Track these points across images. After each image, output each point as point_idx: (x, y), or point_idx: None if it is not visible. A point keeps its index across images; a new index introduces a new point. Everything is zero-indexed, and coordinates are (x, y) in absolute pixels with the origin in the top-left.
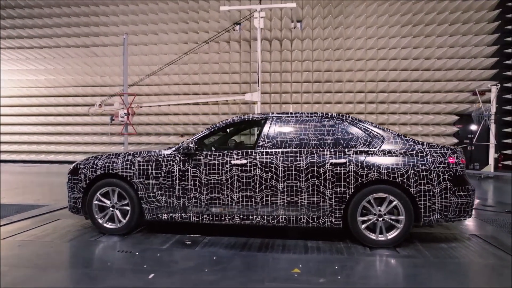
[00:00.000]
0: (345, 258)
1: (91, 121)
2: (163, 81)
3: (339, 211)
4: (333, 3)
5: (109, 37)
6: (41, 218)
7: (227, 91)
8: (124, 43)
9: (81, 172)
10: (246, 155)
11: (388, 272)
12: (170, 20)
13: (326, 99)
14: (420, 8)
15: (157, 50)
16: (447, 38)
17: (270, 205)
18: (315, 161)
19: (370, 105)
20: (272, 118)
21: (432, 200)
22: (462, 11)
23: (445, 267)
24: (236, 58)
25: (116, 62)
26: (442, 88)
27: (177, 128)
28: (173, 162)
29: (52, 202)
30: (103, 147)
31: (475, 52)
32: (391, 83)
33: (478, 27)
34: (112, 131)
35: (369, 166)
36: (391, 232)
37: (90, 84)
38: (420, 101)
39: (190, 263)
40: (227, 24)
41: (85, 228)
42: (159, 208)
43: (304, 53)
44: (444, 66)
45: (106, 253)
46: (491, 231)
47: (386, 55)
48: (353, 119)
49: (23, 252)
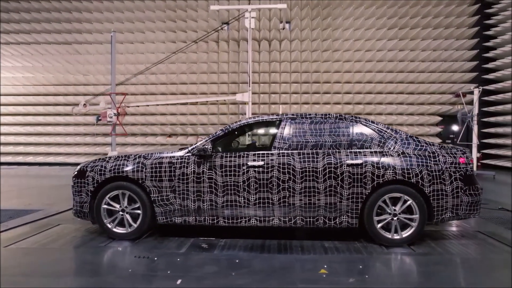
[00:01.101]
0: (365, 257)
1: (73, 121)
2: (150, 80)
3: (355, 211)
4: (322, 4)
5: (93, 35)
6: (39, 223)
7: (216, 91)
8: (112, 41)
9: (88, 175)
10: (263, 157)
11: (413, 270)
12: (157, 18)
13: (315, 100)
14: (405, 12)
15: (143, 48)
16: (430, 42)
17: (287, 206)
18: (332, 162)
19: (357, 106)
20: (286, 119)
21: (445, 199)
22: (444, 16)
23: (464, 264)
24: (224, 58)
25: (100, 60)
26: (426, 90)
27: (165, 128)
28: (187, 164)
29: (45, 206)
30: (87, 148)
31: (456, 55)
32: (378, 84)
33: (459, 32)
34: (96, 131)
35: (385, 167)
36: (405, 231)
37: (72, 82)
38: (405, 102)
39: (214, 267)
40: (216, 24)
41: (91, 233)
42: (173, 211)
43: (293, 54)
44: (427, 68)
45: (123, 259)
46: (491, 227)
47: (373, 57)
48: (366, 120)
49: (32, 260)
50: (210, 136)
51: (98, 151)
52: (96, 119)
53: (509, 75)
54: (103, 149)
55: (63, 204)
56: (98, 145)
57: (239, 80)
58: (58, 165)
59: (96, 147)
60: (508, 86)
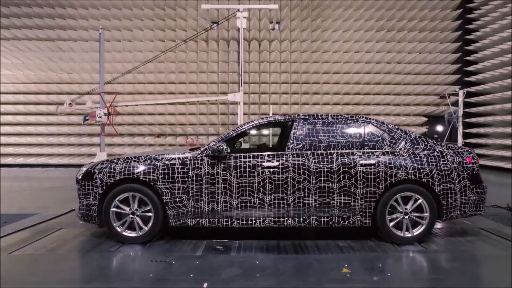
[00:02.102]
0: (382, 255)
1: (56, 121)
2: (138, 79)
3: (369, 210)
4: (311, 5)
5: (77, 31)
6: (39, 228)
7: (205, 91)
8: (100, 39)
9: (96, 177)
10: (277, 157)
11: (431, 267)
12: (145, 16)
13: (305, 100)
14: (392, 15)
15: (131, 47)
16: (416, 45)
17: (302, 206)
18: (346, 162)
19: (346, 107)
20: (298, 120)
21: (454, 197)
22: (429, 19)
23: (477, 261)
24: (214, 57)
25: (85, 58)
26: (412, 91)
27: (153, 128)
28: (200, 165)
29: (39, 210)
30: (71, 149)
31: (440, 58)
32: (366, 85)
33: (443, 35)
34: (82, 131)
35: (397, 167)
36: (416, 229)
37: (55, 81)
38: (392, 103)
39: (237, 270)
40: (205, 23)
41: (97, 238)
42: (186, 214)
43: (283, 55)
44: (413, 70)
45: (139, 263)
46: (490, 224)
47: (362, 58)
48: (377, 121)
49: (44, 268)
50: (223, 137)
51: (84, 151)
52: (83, 119)
53: (490, 78)
54: (89, 149)
55: (58, 208)
56: (83, 146)
57: (228, 80)
58: (40, 167)
59: (82, 147)
60: (488, 88)
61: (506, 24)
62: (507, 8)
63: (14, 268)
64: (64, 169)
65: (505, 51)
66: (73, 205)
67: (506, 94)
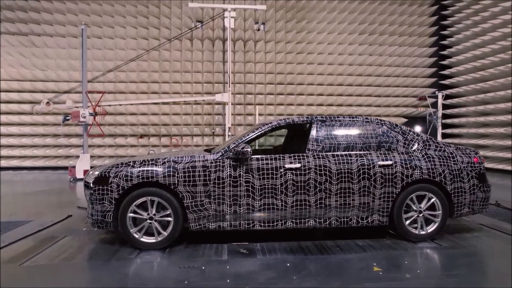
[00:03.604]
0: (403, 253)
1: (30, 121)
2: (120, 78)
3: (386, 209)
4: (296, 7)
5: (53, 26)
6: (40, 236)
7: (189, 91)
8: (83, 35)
9: (112, 181)
10: (299, 159)
11: (454, 263)
12: (128, 13)
13: (290, 101)
14: (373, 19)
15: (112, 44)
16: (396, 48)
17: (323, 207)
18: (365, 163)
19: (330, 108)
20: (316, 122)
21: (463, 195)
22: (408, 25)
23: (491, 255)
24: (199, 57)
25: (62, 55)
26: (392, 93)
27: (136, 129)
28: (222, 167)
29: (31, 216)
30: (47, 151)
31: (418, 62)
32: (349, 87)
33: (421, 40)
34: (58, 132)
35: (412, 167)
36: (429, 226)
37: (28, 78)
38: (373, 104)
39: (270, 273)
40: (190, 21)
41: (110, 245)
42: (207, 217)
43: (268, 55)
44: (393, 73)
45: (168, 270)
46: (488, 220)
47: (345, 60)
48: (390, 124)
49: (66, 279)
50: (242, 139)
51: (61, 153)
52: (63, 119)
53: (463, 81)
54: (66, 151)
55: (51, 213)
56: (60, 147)
57: (213, 80)
58: (11, 170)
59: (59, 149)
60: (462, 91)
61: (478, 32)
62: (478, 16)
63: (34, 280)
64: (39, 172)
65: (478, 56)
66: (64, 210)
67: (478, 97)
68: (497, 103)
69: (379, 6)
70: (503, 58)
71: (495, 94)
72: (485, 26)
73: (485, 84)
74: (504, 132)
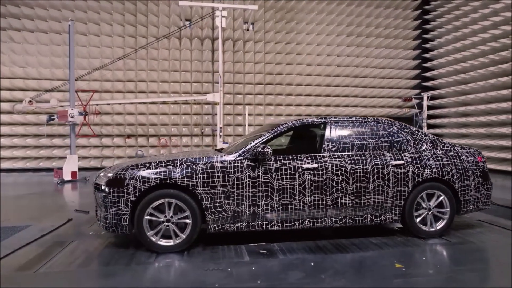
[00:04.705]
0: (417, 250)
1: (9, 120)
2: (106, 77)
3: (399, 207)
4: (286, 8)
5: (34, 22)
6: (44, 241)
7: (178, 90)
8: (70, 31)
9: (128, 183)
10: (316, 159)
11: (469, 258)
12: (114, 10)
13: (279, 101)
14: (360, 21)
15: (98, 41)
16: (382, 50)
17: (340, 206)
18: (379, 163)
19: (318, 108)
20: (330, 122)
21: (469, 193)
22: (393, 27)
23: (500, 249)
24: (187, 56)
25: (44, 52)
26: (378, 94)
27: (122, 129)
28: (241, 168)
29: (28, 221)
30: (28, 152)
31: (402, 64)
32: (337, 88)
33: (405, 43)
34: (39, 132)
35: (423, 166)
36: (438, 223)
37: (6, 75)
38: (360, 105)
39: (298, 273)
40: (178, 19)
41: (124, 249)
42: (226, 219)
43: (257, 56)
44: (379, 74)
45: (194, 274)
46: (485, 217)
47: (333, 61)
48: (400, 124)
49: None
50: (260, 139)
51: (43, 154)
52: (47, 118)
53: (445, 84)
54: (48, 152)
55: (47, 217)
56: (42, 148)
57: (202, 79)
58: None
59: (40, 150)
60: (444, 93)
61: (459, 36)
62: (459, 22)
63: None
64: (18, 174)
65: (458, 60)
66: (60, 214)
67: (459, 99)
68: (477, 104)
69: (365, 9)
70: (483, 61)
71: (475, 96)
72: (466, 31)
73: (466, 86)
74: (485, 132)
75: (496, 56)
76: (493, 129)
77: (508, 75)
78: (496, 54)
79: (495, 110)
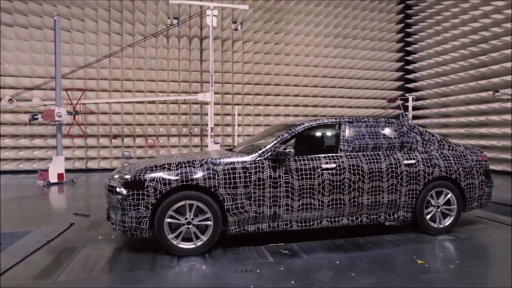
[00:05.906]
0: (432, 246)
1: None
2: (90, 75)
3: (410, 205)
4: (275, 8)
5: (12, 15)
6: (52, 248)
7: (165, 90)
8: (56, 27)
9: (148, 185)
10: (334, 159)
11: (483, 252)
12: (100, 6)
13: (267, 101)
14: (347, 24)
15: (82, 38)
16: (368, 52)
17: (356, 205)
18: (392, 162)
19: (306, 108)
20: (345, 123)
21: (474, 191)
22: (378, 30)
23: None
24: (175, 54)
25: (23, 48)
26: (363, 95)
27: (108, 129)
28: (262, 168)
29: (26, 226)
30: (6, 153)
31: (386, 66)
32: (324, 88)
33: (389, 46)
34: (18, 132)
35: (433, 165)
36: (446, 220)
37: None
38: (346, 105)
39: (327, 271)
40: (166, 17)
41: (143, 253)
42: (247, 220)
43: (246, 56)
44: (364, 76)
45: (225, 276)
46: (482, 213)
47: (321, 62)
48: (409, 125)
49: None
50: (278, 140)
51: (22, 155)
52: (30, 118)
53: (426, 85)
54: (28, 153)
55: (45, 222)
56: (20, 149)
57: (190, 79)
58: None
59: (20, 151)
60: (425, 94)
61: (440, 40)
62: (440, 26)
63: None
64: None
65: (440, 63)
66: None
67: (441, 100)
68: (457, 106)
69: (352, 12)
70: (463, 65)
71: (456, 98)
72: (446, 36)
73: (447, 88)
74: (465, 132)
75: (476, 60)
76: (472, 130)
77: (488, 78)
78: (475, 58)
79: (474, 112)
